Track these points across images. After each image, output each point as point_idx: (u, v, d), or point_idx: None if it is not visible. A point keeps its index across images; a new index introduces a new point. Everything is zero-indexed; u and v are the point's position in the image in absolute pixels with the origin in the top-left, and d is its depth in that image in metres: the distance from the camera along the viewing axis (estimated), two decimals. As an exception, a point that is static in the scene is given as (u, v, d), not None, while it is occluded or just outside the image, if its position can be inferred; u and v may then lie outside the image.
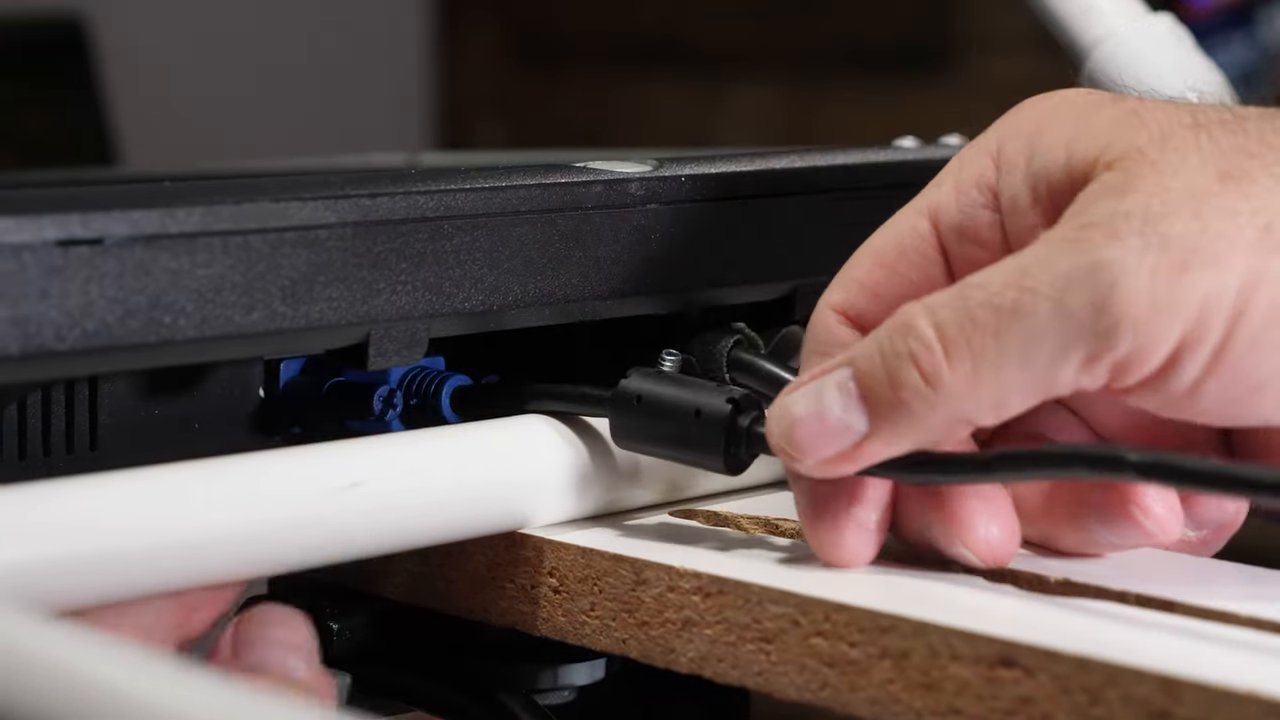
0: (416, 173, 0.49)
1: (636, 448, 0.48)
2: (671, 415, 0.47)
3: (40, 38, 1.73)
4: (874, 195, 0.58)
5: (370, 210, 0.46)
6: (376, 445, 0.46)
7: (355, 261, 0.46)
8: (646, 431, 0.48)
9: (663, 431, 0.47)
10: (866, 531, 0.44)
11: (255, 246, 0.44)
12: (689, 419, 0.47)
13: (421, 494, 0.46)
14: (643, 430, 0.48)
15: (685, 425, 0.47)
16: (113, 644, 0.33)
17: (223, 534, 0.42)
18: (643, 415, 0.47)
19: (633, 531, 0.49)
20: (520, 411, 0.49)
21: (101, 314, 0.42)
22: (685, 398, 0.47)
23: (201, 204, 0.43)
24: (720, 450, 0.46)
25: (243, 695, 0.31)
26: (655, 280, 0.52)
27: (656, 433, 0.47)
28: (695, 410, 0.47)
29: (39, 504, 0.40)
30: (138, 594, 0.41)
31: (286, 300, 0.45)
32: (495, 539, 0.48)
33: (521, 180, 0.49)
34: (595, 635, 0.47)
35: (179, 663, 0.32)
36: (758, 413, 0.46)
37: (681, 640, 0.45)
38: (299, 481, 0.44)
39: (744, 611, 0.44)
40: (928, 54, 2.03)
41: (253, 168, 0.84)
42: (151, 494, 0.42)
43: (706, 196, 0.53)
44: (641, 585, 0.46)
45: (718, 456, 0.47)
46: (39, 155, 1.69)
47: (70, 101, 1.73)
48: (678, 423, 0.47)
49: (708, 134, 2.14)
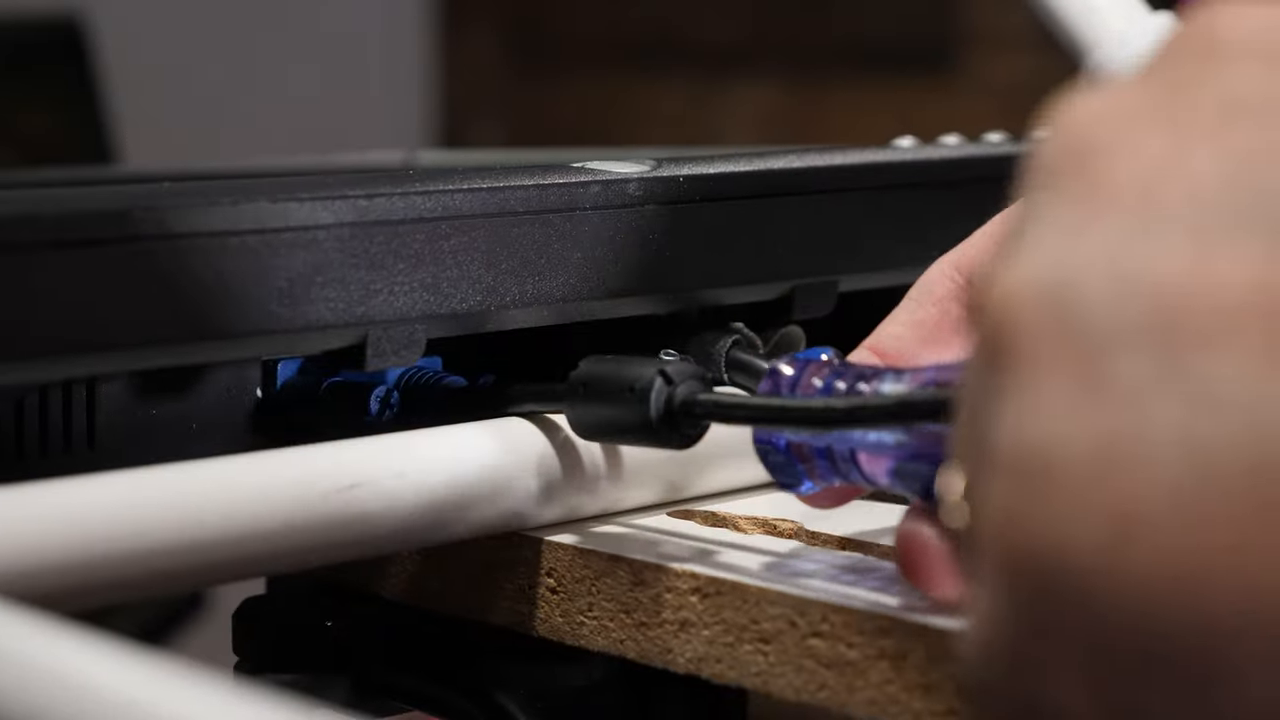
0: (414, 173, 0.49)
1: (596, 437, 0.47)
2: (612, 397, 0.46)
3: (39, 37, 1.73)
4: (873, 195, 0.58)
5: (367, 211, 0.46)
6: (374, 446, 0.46)
7: (352, 262, 0.46)
8: (596, 418, 0.46)
9: (609, 416, 0.46)
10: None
11: (252, 247, 0.44)
12: (627, 397, 0.45)
13: (419, 495, 0.46)
14: (593, 418, 0.47)
15: (626, 405, 0.45)
16: (108, 646, 0.33)
17: (220, 535, 0.42)
18: (590, 402, 0.46)
19: (630, 532, 0.49)
20: (495, 412, 0.49)
21: (99, 315, 0.42)
22: (621, 375, 0.46)
23: (199, 205, 0.43)
24: (658, 423, 0.45)
25: (237, 696, 0.31)
26: (653, 280, 0.52)
27: (605, 418, 0.46)
28: (629, 387, 0.45)
29: (35, 504, 0.40)
30: (134, 595, 0.41)
31: (283, 301, 0.45)
32: (493, 539, 0.48)
33: (519, 181, 0.49)
34: (593, 636, 0.47)
35: (170, 662, 0.32)
36: (693, 381, 0.45)
37: (679, 641, 0.45)
38: (297, 483, 0.44)
39: (742, 612, 0.44)
40: (929, 53, 2.03)
41: (251, 167, 0.84)
42: (148, 494, 0.42)
43: (705, 196, 0.53)
44: (639, 586, 0.46)
45: (654, 431, 0.45)
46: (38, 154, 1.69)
47: (69, 100, 1.73)
48: (619, 404, 0.46)
49: (707, 133, 2.14)
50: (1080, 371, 0.28)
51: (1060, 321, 0.29)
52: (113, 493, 0.41)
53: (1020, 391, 0.29)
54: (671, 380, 0.45)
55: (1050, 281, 0.29)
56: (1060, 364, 0.28)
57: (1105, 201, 0.29)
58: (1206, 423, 0.27)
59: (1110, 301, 0.28)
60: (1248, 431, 0.27)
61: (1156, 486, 0.27)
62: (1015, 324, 0.29)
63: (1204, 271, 0.28)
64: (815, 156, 0.57)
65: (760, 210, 0.55)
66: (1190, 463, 0.27)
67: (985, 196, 0.61)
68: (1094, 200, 0.30)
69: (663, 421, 0.45)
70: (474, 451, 0.47)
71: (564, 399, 0.47)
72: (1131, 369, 0.28)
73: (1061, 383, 0.28)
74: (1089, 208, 0.30)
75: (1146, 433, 0.28)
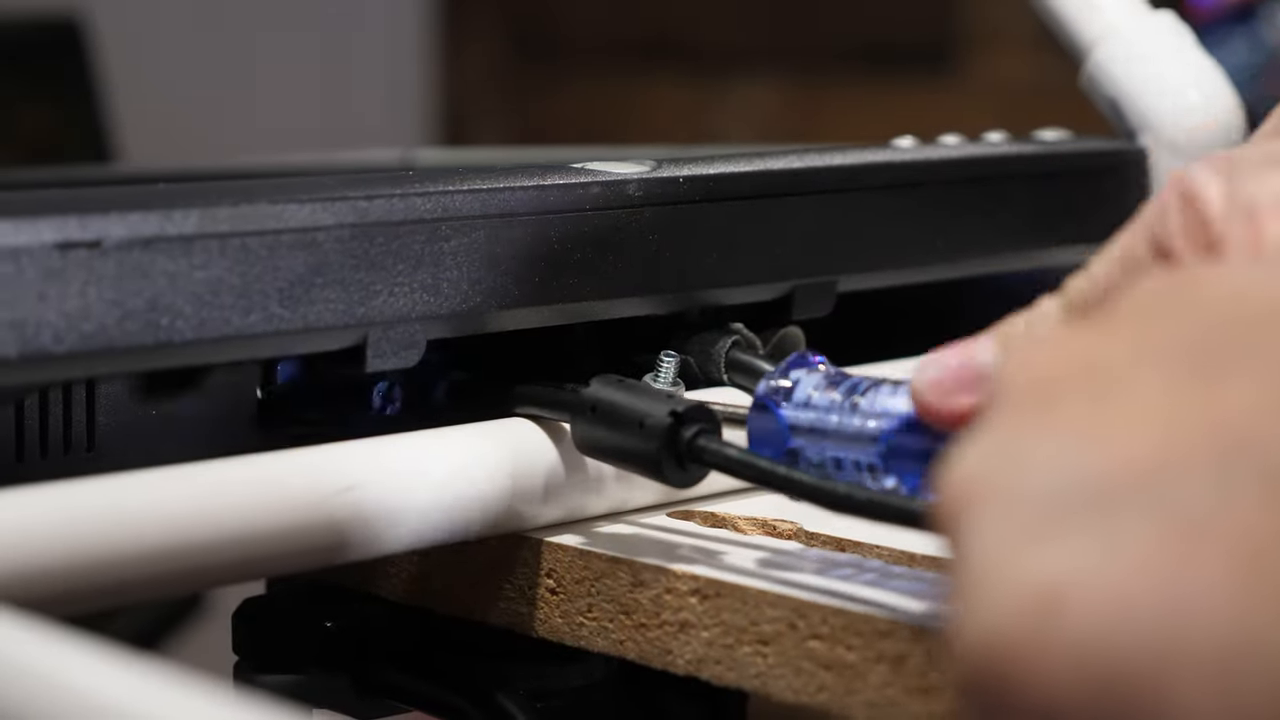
0: (413, 174, 0.48)
1: (595, 456, 0.48)
2: (621, 425, 0.46)
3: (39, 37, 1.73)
4: (874, 195, 0.58)
5: (367, 212, 0.46)
6: (374, 447, 0.46)
7: (352, 263, 0.46)
8: (601, 441, 0.47)
9: (615, 442, 0.46)
10: None
11: (252, 248, 0.44)
12: (635, 429, 0.46)
13: (418, 497, 0.45)
14: (598, 439, 0.47)
15: (633, 436, 0.46)
16: (107, 652, 0.33)
17: (220, 538, 0.42)
18: (598, 424, 0.47)
19: (630, 533, 0.49)
20: (499, 411, 0.49)
21: (99, 316, 0.42)
22: (633, 407, 0.46)
23: (199, 206, 0.43)
24: (661, 462, 0.45)
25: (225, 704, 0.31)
26: (653, 280, 0.52)
27: (610, 444, 0.46)
28: (640, 421, 0.46)
29: (35, 506, 0.40)
30: (134, 598, 0.41)
31: (283, 302, 0.45)
32: (493, 540, 0.48)
33: (518, 181, 0.49)
34: (592, 637, 0.47)
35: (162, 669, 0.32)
36: (703, 425, 0.45)
37: (679, 642, 0.45)
38: (297, 485, 0.44)
39: (741, 614, 0.44)
40: (929, 53, 2.02)
41: (250, 166, 0.84)
42: (148, 497, 0.42)
43: (704, 197, 0.53)
44: (639, 587, 0.46)
45: (659, 468, 0.45)
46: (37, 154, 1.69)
47: (69, 100, 1.73)
48: (627, 433, 0.46)
49: (708, 132, 2.14)
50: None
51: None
52: (112, 495, 0.41)
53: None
54: (683, 422, 0.45)
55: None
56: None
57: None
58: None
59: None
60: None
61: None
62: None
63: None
64: (815, 156, 0.57)
65: (760, 210, 0.55)
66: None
67: (985, 196, 0.62)
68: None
69: (668, 461, 0.45)
70: (474, 452, 0.47)
71: (570, 411, 0.47)
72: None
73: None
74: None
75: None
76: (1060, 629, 0.29)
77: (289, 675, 0.53)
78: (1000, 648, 0.30)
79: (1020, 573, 0.30)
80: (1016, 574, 0.30)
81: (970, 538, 0.31)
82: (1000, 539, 0.31)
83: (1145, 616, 0.28)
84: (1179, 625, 0.28)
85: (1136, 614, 0.29)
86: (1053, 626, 0.29)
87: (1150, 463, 0.30)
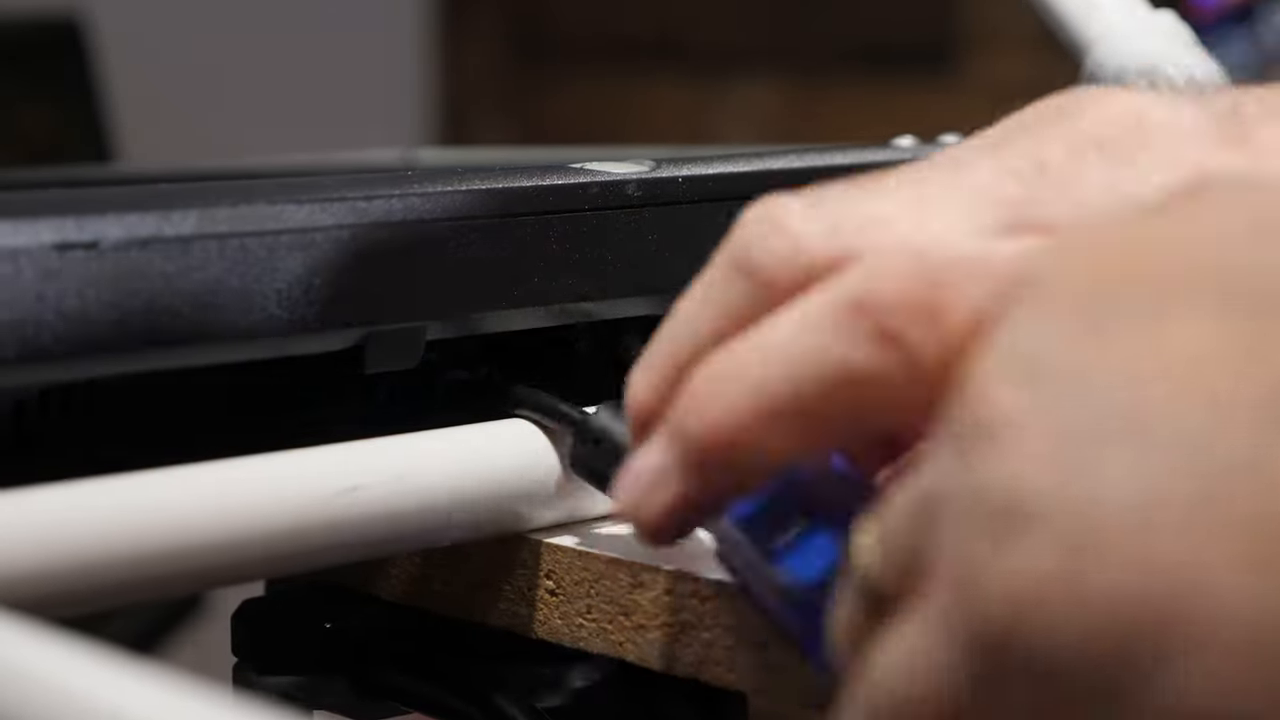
0: (412, 174, 0.48)
1: (588, 481, 0.47)
2: (622, 465, 0.44)
3: (39, 37, 1.73)
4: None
5: (366, 213, 0.46)
6: (375, 448, 0.46)
7: (351, 264, 0.46)
8: (596, 472, 0.46)
9: (611, 479, 0.44)
10: None
11: (251, 249, 0.44)
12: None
13: (419, 497, 0.45)
14: (594, 470, 0.47)
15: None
16: (104, 654, 0.33)
17: (220, 539, 0.42)
18: (598, 458, 0.46)
19: (630, 534, 0.48)
20: (502, 412, 0.49)
21: (98, 317, 0.42)
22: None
23: (197, 207, 0.43)
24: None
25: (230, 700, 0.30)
26: (653, 281, 0.52)
27: (606, 478, 0.46)
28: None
29: (34, 508, 0.40)
30: (134, 599, 0.41)
31: (282, 304, 0.44)
32: (492, 541, 0.48)
33: (518, 182, 0.49)
34: (592, 638, 0.47)
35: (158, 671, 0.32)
36: None
37: (679, 644, 0.45)
38: (298, 486, 0.44)
39: (741, 616, 0.44)
40: (929, 53, 2.03)
41: (249, 166, 0.84)
42: (148, 498, 0.41)
43: (704, 197, 0.53)
44: (638, 588, 0.46)
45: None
46: (37, 154, 1.69)
47: (69, 100, 1.73)
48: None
49: (707, 132, 2.15)
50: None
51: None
52: (112, 496, 0.41)
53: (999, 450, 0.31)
54: None
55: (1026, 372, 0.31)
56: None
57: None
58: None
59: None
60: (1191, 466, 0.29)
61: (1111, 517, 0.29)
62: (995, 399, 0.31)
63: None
64: (815, 156, 0.57)
65: (760, 211, 0.55)
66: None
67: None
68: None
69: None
70: (474, 454, 0.47)
71: (571, 427, 0.47)
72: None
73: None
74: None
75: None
76: (1096, 573, 0.28)
77: (288, 676, 0.53)
78: (1029, 591, 0.29)
79: (1059, 514, 0.29)
80: (1055, 516, 0.29)
81: (996, 467, 0.30)
82: (1036, 469, 0.30)
83: (1171, 563, 0.28)
84: (1202, 582, 0.28)
85: (1163, 557, 0.28)
86: (1090, 569, 0.28)
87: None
